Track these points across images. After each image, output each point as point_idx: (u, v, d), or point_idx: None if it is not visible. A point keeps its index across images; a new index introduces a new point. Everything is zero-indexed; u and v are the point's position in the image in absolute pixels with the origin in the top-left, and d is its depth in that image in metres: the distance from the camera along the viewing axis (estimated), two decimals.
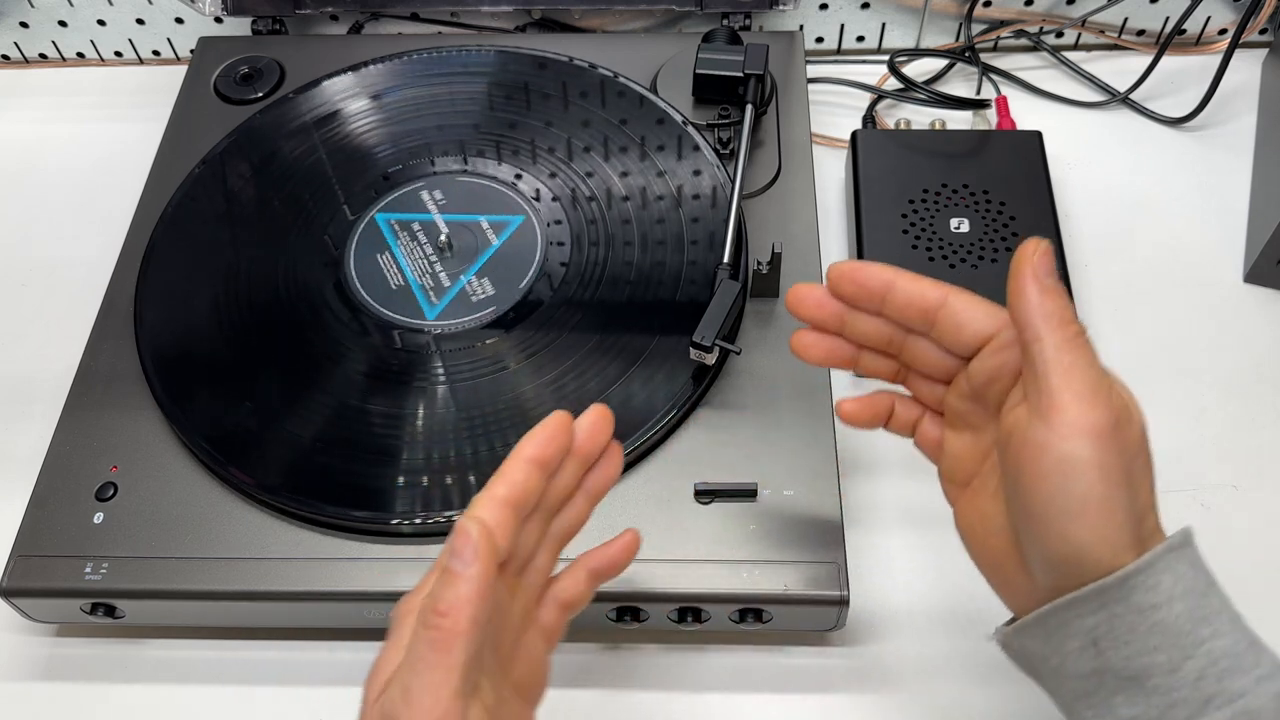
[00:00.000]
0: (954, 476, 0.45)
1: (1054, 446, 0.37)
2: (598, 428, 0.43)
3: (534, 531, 0.43)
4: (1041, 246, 0.40)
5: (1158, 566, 0.37)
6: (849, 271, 0.44)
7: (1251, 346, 0.66)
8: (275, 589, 0.53)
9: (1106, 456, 0.37)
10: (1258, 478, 0.61)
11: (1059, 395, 0.38)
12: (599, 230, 0.64)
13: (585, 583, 0.45)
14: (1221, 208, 0.72)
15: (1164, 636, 0.37)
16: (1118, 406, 0.38)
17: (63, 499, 0.56)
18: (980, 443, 0.44)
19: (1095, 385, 0.38)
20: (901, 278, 0.43)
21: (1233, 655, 0.37)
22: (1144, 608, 0.37)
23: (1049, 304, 0.39)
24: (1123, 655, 0.37)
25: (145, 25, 0.84)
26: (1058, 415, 0.37)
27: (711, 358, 0.56)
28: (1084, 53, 0.82)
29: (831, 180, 0.75)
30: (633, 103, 0.69)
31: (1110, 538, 0.37)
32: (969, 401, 0.43)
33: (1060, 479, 0.37)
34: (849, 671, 0.56)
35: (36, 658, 0.58)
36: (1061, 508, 0.37)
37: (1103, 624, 0.38)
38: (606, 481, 0.45)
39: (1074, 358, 0.38)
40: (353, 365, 0.59)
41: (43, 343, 0.70)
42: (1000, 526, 0.41)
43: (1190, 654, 0.37)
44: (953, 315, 0.42)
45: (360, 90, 0.72)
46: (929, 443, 0.46)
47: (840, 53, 0.84)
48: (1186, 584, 0.38)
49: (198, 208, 0.67)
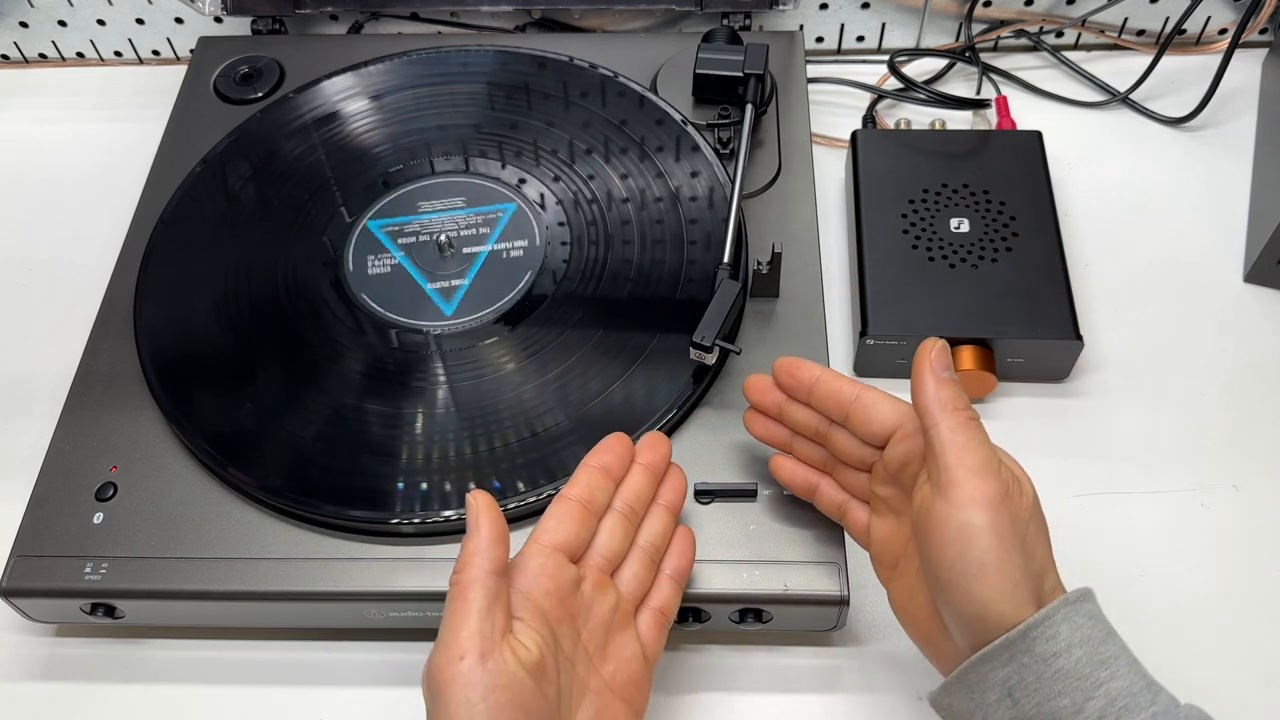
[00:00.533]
0: (882, 559, 0.49)
1: (953, 517, 0.42)
2: (657, 444, 0.51)
3: (616, 531, 0.48)
4: (937, 346, 0.46)
5: (1055, 618, 0.41)
6: (787, 366, 0.50)
7: (1251, 346, 0.66)
8: (275, 589, 0.53)
9: (999, 522, 0.42)
10: (1258, 478, 0.61)
11: (954, 471, 0.43)
12: (599, 230, 0.64)
13: (670, 587, 0.50)
14: (1221, 208, 0.72)
15: (1066, 681, 0.41)
16: (1006, 479, 0.43)
17: (63, 499, 0.56)
18: (903, 527, 0.48)
19: (985, 461, 0.43)
20: (825, 375, 0.49)
21: (1130, 694, 0.41)
22: (1046, 656, 0.41)
23: (944, 393, 0.44)
24: (1034, 702, 0.41)
25: (145, 25, 0.84)
26: (954, 489, 0.42)
27: (712, 358, 0.56)
28: (1084, 53, 0.82)
29: (831, 180, 0.75)
30: (633, 103, 0.69)
31: (1010, 594, 0.41)
32: (888, 486, 0.49)
33: (961, 545, 0.42)
34: (849, 671, 0.56)
35: (36, 658, 0.58)
36: (963, 570, 0.42)
37: (1013, 675, 0.41)
38: (679, 494, 0.51)
39: (966, 438, 0.43)
40: (352, 365, 0.59)
41: (43, 343, 0.70)
42: (925, 601, 0.46)
43: (1091, 695, 0.41)
44: (864, 409, 0.48)
45: (360, 90, 0.72)
46: (858, 528, 0.51)
47: (840, 53, 0.84)
48: (1084, 633, 0.42)
49: (198, 208, 0.67)
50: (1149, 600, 0.57)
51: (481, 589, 0.42)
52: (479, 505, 0.44)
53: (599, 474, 0.48)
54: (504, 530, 0.44)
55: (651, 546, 0.49)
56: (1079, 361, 0.64)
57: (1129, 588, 0.57)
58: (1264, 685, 0.55)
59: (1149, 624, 0.56)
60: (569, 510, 0.47)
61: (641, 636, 0.48)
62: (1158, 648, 0.56)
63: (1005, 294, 0.63)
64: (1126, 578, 0.58)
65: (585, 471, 0.48)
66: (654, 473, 0.50)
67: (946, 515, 0.42)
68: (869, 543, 0.50)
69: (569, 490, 0.48)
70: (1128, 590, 0.57)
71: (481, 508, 0.44)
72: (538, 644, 0.43)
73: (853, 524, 0.51)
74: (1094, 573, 0.54)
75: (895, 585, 0.49)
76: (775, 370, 0.51)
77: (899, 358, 0.64)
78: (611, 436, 0.50)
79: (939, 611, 0.45)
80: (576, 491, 0.47)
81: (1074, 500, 0.61)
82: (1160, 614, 0.57)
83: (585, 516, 0.47)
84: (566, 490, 0.48)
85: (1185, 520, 0.60)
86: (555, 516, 0.47)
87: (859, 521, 0.51)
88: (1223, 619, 0.56)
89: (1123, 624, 0.56)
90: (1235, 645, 0.56)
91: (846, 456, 0.50)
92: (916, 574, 0.46)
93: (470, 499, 0.45)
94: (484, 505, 0.44)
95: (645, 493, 0.50)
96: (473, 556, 0.43)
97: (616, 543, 0.48)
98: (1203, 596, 0.57)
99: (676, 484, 0.51)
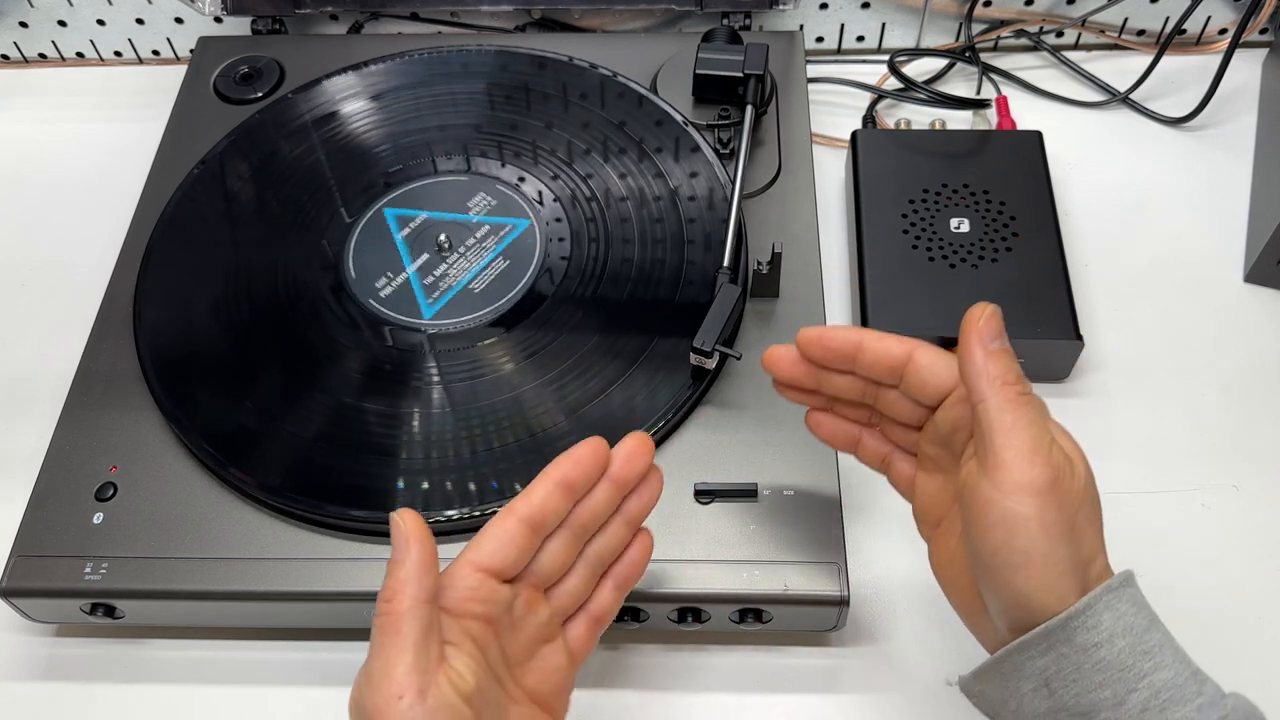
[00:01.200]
0: (926, 516, 0.47)
1: (998, 502, 0.39)
2: (636, 455, 0.45)
3: (560, 553, 0.44)
4: (987, 311, 0.42)
5: (1097, 607, 0.39)
6: (816, 337, 0.46)
7: (1251, 346, 0.66)
8: (275, 589, 0.53)
9: (1047, 512, 0.39)
10: (1258, 478, 0.61)
11: (1002, 453, 0.40)
12: (598, 230, 0.64)
13: (611, 594, 0.47)
14: (1221, 208, 0.72)
15: (1108, 672, 0.39)
16: (1058, 462, 0.40)
17: (62, 499, 0.56)
18: (950, 485, 0.45)
19: (1035, 443, 0.40)
20: (868, 337, 0.45)
21: (1174, 686, 0.39)
22: (1087, 646, 0.39)
23: (993, 367, 0.41)
24: (1072, 693, 0.39)
25: (145, 25, 0.84)
26: (1001, 473, 0.39)
27: (712, 363, 0.56)
28: (1084, 53, 0.82)
29: (831, 180, 0.75)
30: (632, 103, 0.69)
31: (1053, 586, 0.39)
32: (938, 447, 0.45)
33: (1005, 533, 0.39)
34: (849, 671, 0.56)
35: (36, 658, 0.58)
36: (1006, 560, 0.39)
37: (1051, 665, 0.39)
38: (645, 507, 0.47)
39: (1015, 417, 0.40)
40: (352, 365, 0.59)
41: (43, 343, 0.70)
42: (965, 569, 0.43)
43: (1134, 687, 0.39)
44: (918, 370, 0.44)
45: (360, 90, 0.72)
46: (902, 480, 0.48)
47: (840, 52, 0.84)
48: (1127, 621, 0.40)
49: (197, 208, 0.67)
50: (1149, 600, 0.57)
51: (415, 620, 0.40)
52: (407, 528, 0.41)
53: (557, 491, 0.43)
54: (434, 554, 0.41)
55: (598, 559, 0.46)
56: (1079, 361, 0.64)
57: None
58: (1264, 685, 0.55)
59: None
60: (512, 533, 0.42)
61: (570, 644, 0.46)
62: None
63: (1005, 294, 0.63)
64: None
65: (542, 486, 0.43)
66: (623, 487, 0.46)
67: (992, 499, 0.39)
68: (912, 497, 0.47)
69: (519, 505, 0.43)
70: None
71: (410, 530, 0.41)
72: (473, 670, 0.40)
73: (897, 476, 0.48)
74: None
75: (937, 545, 0.46)
76: (802, 345, 0.47)
77: None
78: (584, 445, 0.44)
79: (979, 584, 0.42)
80: (526, 509, 0.43)
81: None
82: (1160, 614, 0.56)
83: (529, 539, 0.43)
84: (517, 504, 0.43)
85: (1185, 520, 0.60)
86: (496, 539, 0.42)
87: (904, 474, 0.48)
88: (1223, 619, 0.56)
89: None
90: (1235, 645, 0.56)
91: (897, 415, 0.46)
92: (960, 539, 0.43)
93: (396, 520, 0.41)
94: (413, 527, 0.41)
95: (606, 511, 0.45)
96: (403, 585, 0.40)
97: (558, 563, 0.45)
98: (1203, 596, 0.57)
99: (648, 494, 0.47)
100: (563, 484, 0.44)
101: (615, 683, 0.56)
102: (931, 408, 0.45)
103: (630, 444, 0.46)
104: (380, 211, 0.66)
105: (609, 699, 0.55)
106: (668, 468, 0.55)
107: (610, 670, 0.56)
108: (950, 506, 0.45)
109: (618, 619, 0.53)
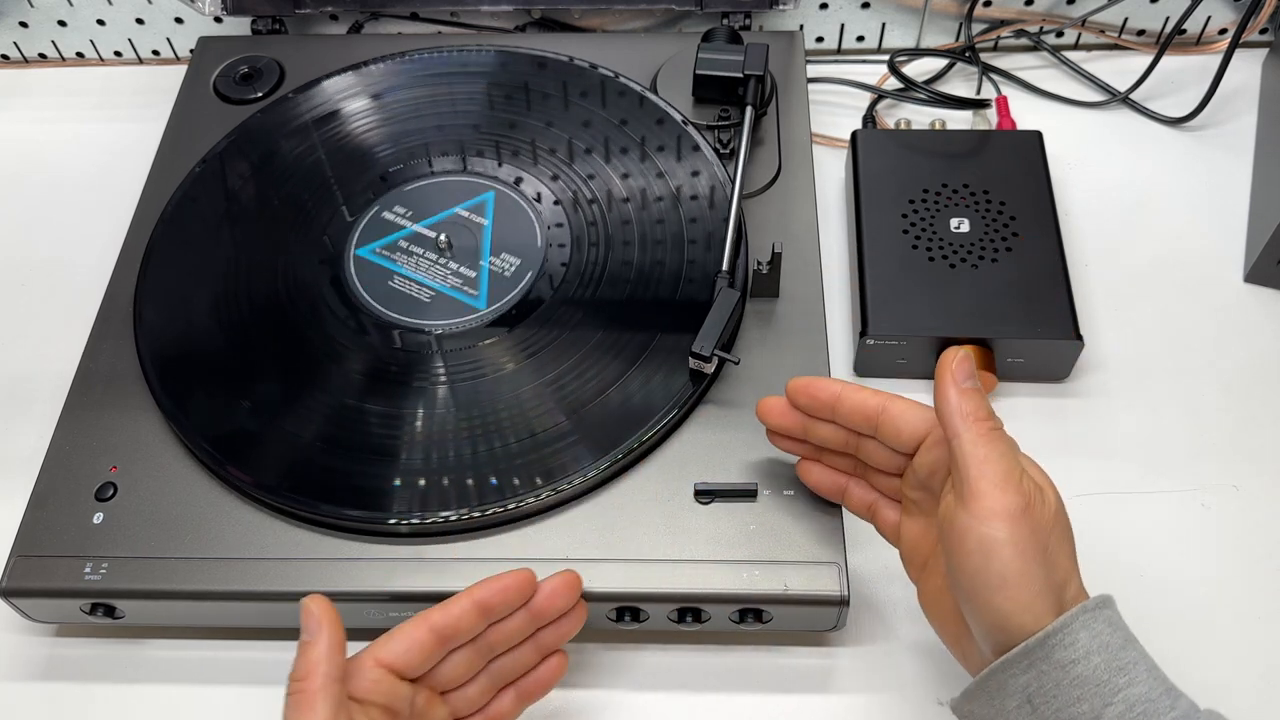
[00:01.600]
0: (912, 559, 0.50)
1: (975, 529, 0.42)
2: (559, 593, 0.49)
3: (463, 663, 0.48)
4: (960, 354, 0.46)
5: (1074, 625, 0.42)
6: (803, 386, 0.50)
7: (1251, 346, 0.66)
8: (275, 589, 0.53)
9: (1020, 535, 0.42)
10: (1258, 478, 0.61)
11: (977, 484, 0.43)
12: (599, 230, 0.64)
13: (511, 704, 0.50)
14: (1221, 208, 0.72)
15: (1085, 688, 0.41)
16: (1029, 490, 0.43)
17: (63, 499, 0.56)
18: (932, 528, 0.48)
19: (1007, 474, 0.43)
20: (846, 390, 0.49)
21: (1148, 700, 0.41)
22: (1065, 663, 0.41)
23: (966, 404, 0.44)
24: (1053, 709, 0.41)
25: (145, 25, 0.84)
26: (977, 502, 0.43)
27: (710, 367, 0.56)
28: (1084, 53, 0.82)
29: (831, 180, 0.75)
30: (633, 103, 0.69)
31: (1030, 605, 0.42)
32: (919, 490, 0.48)
33: (982, 557, 0.42)
34: (849, 671, 0.56)
35: (36, 658, 0.58)
36: (985, 582, 0.42)
37: (1033, 681, 0.42)
38: (561, 638, 0.50)
39: (988, 450, 0.43)
40: (352, 365, 0.59)
41: (43, 343, 0.70)
42: (953, 603, 0.46)
43: (1109, 701, 0.41)
44: (891, 420, 0.47)
45: (360, 90, 0.72)
46: (888, 526, 0.51)
47: (840, 52, 0.84)
48: (1103, 640, 0.42)
49: (197, 208, 0.67)
50: (1149, 600, 0.57)
51: (327, 697, 0.42)
52: (319, 613, 0.44)
53: (474, 610, 0.47)
54: (344, 637, 0.44)
55: (501, 675, 0.49)
56: (1079, 361, 0.64)
57: (1129, 588, 0.57)
58: (1263, 685, 0.55)
59: (1149, 624, 0.56)
60: (420, 640, 0.46)
61: None
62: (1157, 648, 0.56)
63: (1005, 294, 0.63)
64: (1126, 578, 0.58)
65: (460, 604, 0.47)
66: (541, 619, 0.49)
67: (968, 527, 0.42)
68: (899, 542, 0.50)
69: (435, 616, 0.46)
70: (1128, 590, 0.57)
71: (322, 615, 0.44)
72: None
73: (883, 523, 0.51)
74: (1094, 573, 0.54)
75: (924, 585, 0.49)
76: (790, 392, 0.50)
77: (899, 358, 0.64)
78: (511, 576, 0.48)
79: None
80: (440, 622, 0.46)
81: (1074, 500, 0.60)
82: (1160, 614, 0.57)
83: (436, 648, 0.46)
84: (433, 614, 0.46)
85: (1185, 520, 0.60)
86: (404, 642, 0.46)
87: (889, 521, 0.51)
88: (1223, 619, 0.56)
89: None
90: (1235, 645, 0.56)
91: (878, 464, 0.50)
92: (944, 578, 0.47)
93: (309, 605, 0.45)
94: (324, 612, 0.44)
95: (518, 636, 0.49)
96: (315, 665, 0.43)
97: (460, 673, 0.48)
98: (1203, 596, 0.57)
99: (567, 627, 0.50)
100: (481, 606, 0.47)
101: (615, 683, 0.56)
102: (908, 454, 0.48)
103: (556, 581, 0.49)
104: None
105: (609, 699, 0.55)
106: (667, 468, 0.55)
107: (610, 670, 0.56)
108: (934, 548, 0.48)
109: (618, 619, 0.53)
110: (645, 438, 0.55)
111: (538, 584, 0.48)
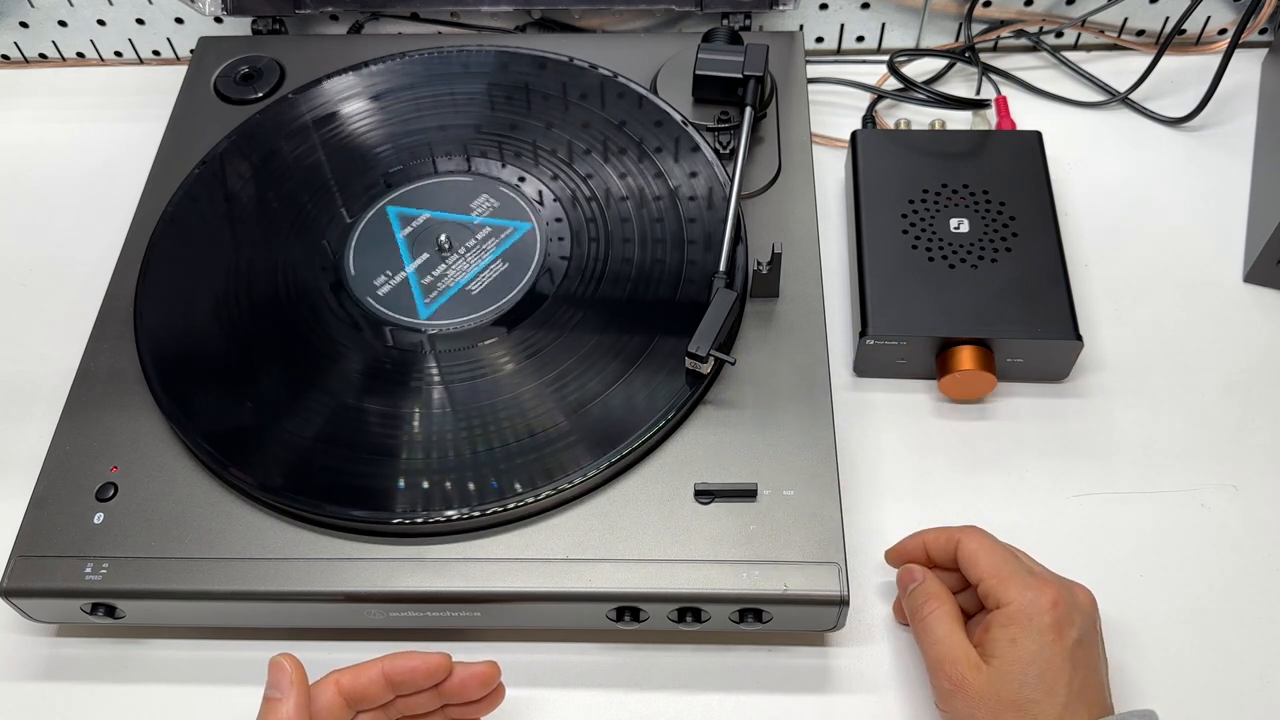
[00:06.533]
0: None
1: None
2: (472, 684, 0.49)
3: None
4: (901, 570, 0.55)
5: None
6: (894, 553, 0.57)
7: (1251, 346, 0.66)
8: (275, 589, 0.53)
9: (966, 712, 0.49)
10: (1258, 478, 0.61)
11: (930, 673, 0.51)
12: (598, 230, 0.64)
13: None
14: (1221, 208, 0.72)
15: None
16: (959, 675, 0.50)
17: (63, 499, 0.56)
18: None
19: (939, 660, 0.50)
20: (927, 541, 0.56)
21: None
22: None
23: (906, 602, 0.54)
24: None
25: (145, 25, 0.84)
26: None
27: (706, 368, 0.56)
28: (1084, 53, 0.82)
29: (831, 180, 0.75)
30: (632, 103, 0.69)
31: None
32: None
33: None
34: (849, 671, 0.56)
35: (36, 658, 0.58)
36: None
37: None
38: (470, 717, 0.51)
39: (921, 638, 0.52)
40: (352, 365, 0.59)
41: (43, 343, 0.70)
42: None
43: None
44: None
45: (360, 90, 0.72)
46: None
47: (840, 53, 0.84)
48: None
49: (198, 208, 0.67)
50: (1149, 600, 0.57)
51: None
52: (292, 671, 0.46)
53: (381, 680, 0.47)
54: (309, 697, 0.46)
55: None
56: (1079, 361, 0.64)
57: (1129, 588, 0.57)
58: (1263, 685, 0.55)
59: (1149, 624, 0.56)
60: (329, 702, 0.46)
61: None
62: (1156, 648, 0.56)
63: (1005, 294, 0.63)
64: (1126, 578, 0.58)
65: (370, 672, 0.47)
66: (450, 699, 0.49)
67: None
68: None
69: (344, 678, 0.47)
70: (1128, 590, 0.57)
71: (294, 674, 0.46)
72: None
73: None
74: (1094, 573, 0.54)
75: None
76: (888, 559, 0.58)
77: (899, 358, 0.64)
78: (427, 660, 0.48)
79: None
80: (349, 686, 0.47)
81: (1074, 500, 0.61)
82: (1160, 614, 0.57)
83: (344, 710, 0.47)
84: (343, 677, 0.47)
85: (1185, 520, 0.60)
86: (318, 700, 0.46)
87: None
88: (1222, 619, 0.56)
89: (1122, 624, 0.56)
90: (1235, 645, 0.56)
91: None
92: None
93: (281, 661, 0.46)
94: (295, 670, 0.46)
95: (426, 709, 0.50)
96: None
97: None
98: (1203, 596, 0.57)
99: (479, 711, 0.51)
100: (388, 679, 0.48)
101: (615, 683, 0.56)
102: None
103: (476, 670, 0.49)
104: (382, 211, 0.66)
105: (609, 699, 0.55)
106: (667, 468, 0.55)
107: (610, 670, 0.56)
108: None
109: (618, 619, 0.53)
110: (645, 438, 0.55)
111: (453, 669, 0.49)
